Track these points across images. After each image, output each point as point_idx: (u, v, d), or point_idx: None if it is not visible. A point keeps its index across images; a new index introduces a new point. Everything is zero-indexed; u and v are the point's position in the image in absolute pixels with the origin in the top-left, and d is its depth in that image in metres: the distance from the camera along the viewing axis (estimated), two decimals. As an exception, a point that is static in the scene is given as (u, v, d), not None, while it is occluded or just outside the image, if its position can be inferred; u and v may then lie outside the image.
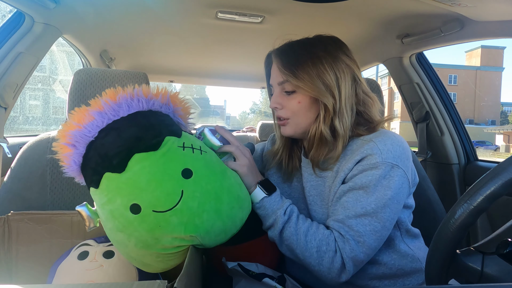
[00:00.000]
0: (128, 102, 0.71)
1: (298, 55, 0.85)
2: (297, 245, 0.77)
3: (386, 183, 0.76)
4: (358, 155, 0.80)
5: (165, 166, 0.67)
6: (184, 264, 0.60)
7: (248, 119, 37.91)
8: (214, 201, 0.68)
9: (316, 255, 0.76)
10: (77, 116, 0.70)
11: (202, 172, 0.69)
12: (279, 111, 0.89)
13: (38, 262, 0.87)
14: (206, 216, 0.67)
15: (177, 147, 0.70)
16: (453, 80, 32.52)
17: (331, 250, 0.75)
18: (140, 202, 0.64)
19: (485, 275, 0.54)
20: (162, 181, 0.66)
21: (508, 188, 0.52)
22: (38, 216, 0.88)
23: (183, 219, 0.65)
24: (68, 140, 0.70)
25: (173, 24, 1.52)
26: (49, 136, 1.03)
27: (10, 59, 1.25)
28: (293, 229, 0.79)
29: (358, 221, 0.75)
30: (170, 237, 0.65)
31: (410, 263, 0.85)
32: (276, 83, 0.89)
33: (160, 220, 0.64)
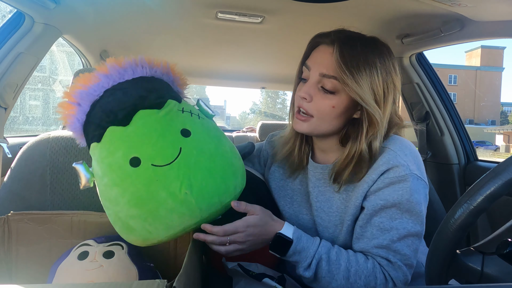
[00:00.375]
0: (133, 67, 0.75)
1: (359, 55, 0.76)
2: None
3: (417, 197, 0.75)
4: (382, 165, 0.76)
5: (167, 124, 0.72)
6: (183, 264, 0.60)
7: (248, 119, 37.92)
8: (208, 161, 0.71)
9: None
10: (83, 78, 0.73)
11: (199, 134, 0.74)
12: (305, 103, 0.79)
13: (38, 262, 0.87)
14: (200, 174, 0.69)
15: (177, 110, 0.75)
16: (453, 80, 32.53)
17: (382, 284, 0.72)
18: (140, 155, 0.68)
19: (485, 275, 0.54)
20: (163, 137, 0.70)
21: (508, 188, 0.52)
22: (38, 216, 0.88)
23: (180, 175, 0.68)
24: (73, 98, 0.73)
25: (173, 24, 1.52)
26: (49, 137, 1.03)
27: (10, 59, 1.25)
28: (329, 274, 0.74)
29: (403, 244, 0.74)
30: (165, 192, 0.67)
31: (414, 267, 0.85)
32: (318, 73, 0.78)
33: (158, 174, 0.67)
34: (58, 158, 0.99)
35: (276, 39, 1.64)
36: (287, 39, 1.59)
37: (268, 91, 31.12)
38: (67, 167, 1.00)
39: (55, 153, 1.00)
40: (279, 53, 1.89)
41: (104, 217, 0.90)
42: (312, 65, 0.80)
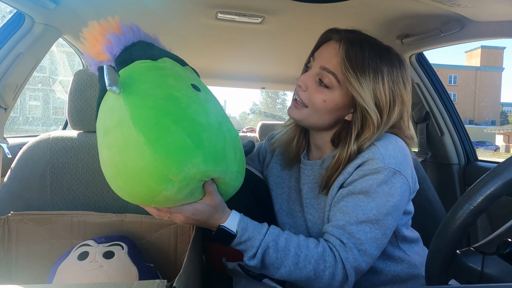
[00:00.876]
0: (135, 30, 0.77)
1: (366, 58, 0.76)
2: (289, 275, 0.72)
3: (387, 189, 0.73)
4: (358, 158, 0.77)
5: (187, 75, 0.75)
6: (183, 264, 0.60)
7: (248, 119, 37.94)
8: (221, 116, 0.70)
9: (314, 277, 0.71)
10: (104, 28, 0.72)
11: (206, 91, 0.75)
12: (301, 92, 0.82)
13: (38, 262, 0.87)
14: (213, 122, 0.66)
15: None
16: (453, 80, 32.54)
17: (331, 266, 0.71)
18: (200, 86, 0.72)
19: (485, 275, 0.54)
20: (185, 82, 0.72)
21: (508, 188, 0.52)
22: (38, 217, 0.88)
23: (227, 118, 0.73)
24: (118, 25, 0.72)
25: (173, 25, 1.52)
26: (49, 137, 1.03)
27: (10, 59, 1.25)
28: (278, 261, 0.72)
29: (359, 228, 0.72)
30: (224, 118, 0.70)
31: (406, 269, 0.84)
32: (319, 66, 0.80)
33: (216, 103, 0.73)
34: (58, 158, 0.99)
35: (276, 39, 1.64)
36: (287, 39, 1.59)
37: (268, 91, 31.13)
38: (67, 167, 1.00)
39: (55, 153, 1.00)
40: (279, 53, 1.89)
41: (104, 217, 0.90)
42: (317, 56, 0.83)
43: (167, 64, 0.72)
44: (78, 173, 1.00)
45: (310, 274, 0.71)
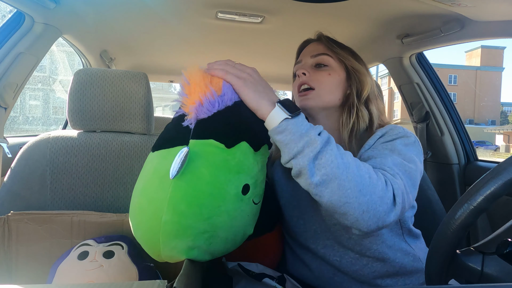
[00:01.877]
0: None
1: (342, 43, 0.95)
2: (343, 170, 0.61)
3: (415, 151, 0.77)
4: (379, 131, 0.83)
5: (265, 168, 0.75)
6: (184, 264, 0.60)
7: (248, 119, 37.85)
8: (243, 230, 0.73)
9: (368, 182, 0.62)
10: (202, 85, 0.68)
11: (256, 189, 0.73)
12: (305, 78, 0.89)
13: (38, 262, 0.87)
14: (255, 222, 0.75)
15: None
16: (453, 80, 32.54)
17: (382, 180, 0.64)
18: (252, 186, 0.67)
19: (485, 275, 0.54)
20: (265, 179, 0.74)
21: (508, 188, 0.52)
22: (38, 216, 0.88)
23: (255, 218, 0.73)
24: (221, 83, 0.68)
25: (173, 24, 1.52)
26: (49, 137, 1.03)
27: (10, 59, 1.25)
28: (336, 152, 0.62)
29: (406, 174, 0.70)
30: (243, 230, 0.69)
31: (412, 262, 0.86)
32: (310, 56, 0.92)
33: (252, 210, 0.69)
34: (58, 158, 0.99)
35: (276, 39, 1.64)
36: (287, 39, 1.59)
37: (268, 91, 30.97)
38: (67, 167, 1.00)
39: (55, 153, 1.00)
40: (279, 53, 1.89)
41: (104, 217, 0.90)
42: (302, 56, 0.95)
43: (237, 155, 0.65)
44: (78, 173, 1.00)
45: (366, 177, 0.62)
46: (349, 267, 0.86)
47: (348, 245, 0.85)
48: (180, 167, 0.59)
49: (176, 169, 0.59)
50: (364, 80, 0.89)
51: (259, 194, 0.71)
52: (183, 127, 0.67)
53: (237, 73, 0.68)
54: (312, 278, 0.92)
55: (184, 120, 0.67)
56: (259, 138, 0.69)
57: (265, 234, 0.96)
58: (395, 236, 0.86)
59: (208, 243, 0.65)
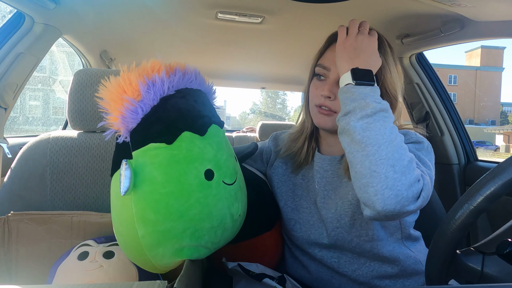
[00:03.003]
0: (199, 77, 0.74)
1: (382, 45, 0.82)
2: (386, 140, 0.62)
3: (426, 154, 0.75)
4: None
5: (229, 145, 0.74)
6: (184, 264, 0.60)
7: (248, 119, 37.93)
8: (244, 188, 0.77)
9: (406, 164, 0.62)
10: (144, 69, 0.67)
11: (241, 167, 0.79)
12: (328, 101, 0.82)
13: (38, 262, 0.87)
14: (245, 200, 0.75)
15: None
16: (453, 80, 32.55)
17: (418, 172, 0.64)
18: (214, 169, 0.66)
19: (485, 275, 0.54)
20: (230, 157, 0.72)
21: (508, 188, 0.52)
22: (38, 217, 0.88)
23: (238, 197, 0.71)
24: (137, 86, 0.64)
25: (173, 24, 1.52)
26: (49, 137, 1.03)
27: (10, 59, 1.25)
28: (386, 123, 0.64)
29: (430, 172, 0.71)
30: (228, 212, 0.68)
31: (413, 264, 0.86)
32: (338, 73, 0.81)
33: (227, 192, 0.68)
34: (58, 158, 0.99)
35: (276, 39, 1.64)
36: (287, 39, 1.59)
37: (268, 91, 31.13)
38: (67, 168, 1.00)
39: (55, 153, 1.00)
40: (279, 53, 1.89)
41: (104, 217, 0.90)
42: (331, 64, 0.83)
43: (183, 146, 0.64)
44: (78, 173, 1.00)
45: (405, 159, 0.63)
46: (347, 268, 0.86)
47: (348, 247, 0.85)
48: (128, 181, 0.58)
49: (124, 185, 0.58)
50: (397, 100, 0.82)
51: (229, 173, 0.69)
52: (122, 144, 0.66)
53: (342, 43, 0.75)
54: (310, 279, 0.92)
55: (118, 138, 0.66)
56: (202, 122, 0.67)
57: (265, 233, 0.96)
58: (395, 242, 0.86)
59: (196, 238, 0.64)
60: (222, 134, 0.74)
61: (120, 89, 0.64)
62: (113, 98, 0.64)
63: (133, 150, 0.64)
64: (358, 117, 0.65)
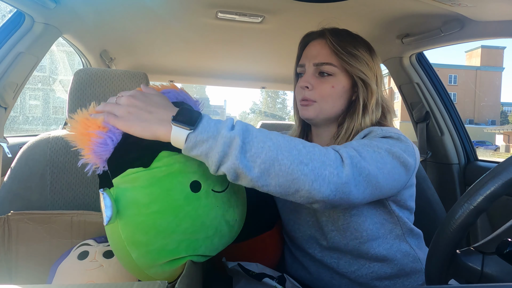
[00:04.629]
0: (173, 91, 0.71)
1: (350, 41, 0.86)
2: (277, 150, 0.56)
3: (392, 142, 0.74)
4: (358, 136, 0.81)
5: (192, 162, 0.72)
6: (186, 265, 0.60)
7: (248, 119, 37.96)
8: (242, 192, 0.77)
9: (304, 150, 0.59)
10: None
11: (208, 182, 0.75)
12: (307, 92, 0.86)
13: (38, 262, 0.87)
14: (242, 204, 0.75)
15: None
16: (453, 80, 32.54)
17: (319, 147, 0.62)
18: (200, 179, 0.64)
19: (485, 275, 0.54)
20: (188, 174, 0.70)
21: (508, 188, 0.52)
22: (38, 216, 0.88)
23: (232, 202, 0.70)
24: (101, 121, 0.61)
25: (173, 24, 1.52)
26: (49, 136, 1.03)
27: (10, 59, 1.25)
28: (261, 135, 0.57)
29: (362, 148, 0.68)
30: (223, 219, 0.68)
31: (411, 263, 0.86)
32: (313, 64, 0.87)
33: (218, 199, 0.67)
34: (58, 158, 0.99)
35: (276, 39, 1.64)
36: (287, 39, 1.59)
37: (268, 91, 31.15)
38: (67, 167, 1.00)
39: (55, 153, 1.00)
40: (279, 53, 1.89)
41: (104, 217, 0.90)
42: (306, 60, 0.89)
43: (162, 165, 0.63)
44: (78, 173, 1.00)
45: (300, 147, 0.59)
46: (347, 269, 0.86)
47: (346, 250, 0.85)
48: (109, 211, 0.58)
49: (106, 215, 0.58)
50: (371, 87, 0.84)
51: (218, 181, 0.67)
52: (102, 173, 0.65)
53: (113, 110, 0.60)
54: (311, 280, 0.92)
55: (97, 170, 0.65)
56: (148, 157, 0.64)
57: (265, 233, 0.97)
58: (395, 238, 0.86)
59: (192, 250, 0.65)
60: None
61: (84, 124, 0.62)
62: (80, 134, 0.63)
63: (112, 178, 0.63)
64: (238, 154, 0.54)
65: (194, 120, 0.56)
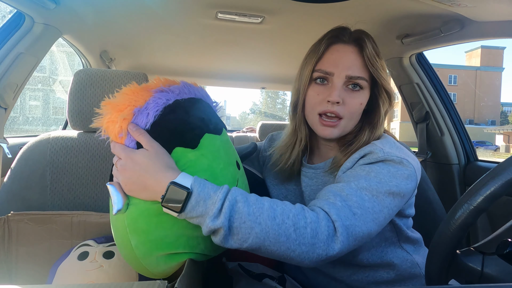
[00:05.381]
0: (188, 86, 0.72)
1: (377, 49, 0.79)
2: (264, 238, 0.57)
3: (393, 171, 0.70)
4: (356, 153, 0.76)
5: (227, 153, 0.73)
6: (185, 264, 0.60)
7: (248, 119, 37.95)
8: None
9: (294, 236, 0.58)
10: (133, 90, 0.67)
11: (242, 168, 0.78)
12: (336, 107, 0.76)
13: (38, 263, 0.87)
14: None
15: (228, 139, 0.76)
16: (453, 80, 32.55)
17: (312, 222, 0.59)
18: (210, 179, 0.66)
19: (485, 275, 0.54)
20: (228, 165, 0.71)
21: (508, 188, 0.52)
22: (38, 217, 0.88)
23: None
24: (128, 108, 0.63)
25: (173, 24, 1.52)
26: (49, 137, 1.03)
27: (10, 59, 1.25)
28: (248, 219, 0.57)
29: (358, 193, 0.65)
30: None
31: (409, 268, 0.85)
32: (345, 75, 0.77)
33: None
34: (58, 158, 0.99)
35: (276, 39, 1.64)
36: (287, 39, 1.59)
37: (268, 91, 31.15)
38: (67, 167, 1.00)
39: (55, 153, 1.00)
40: (279, 53, 1.89)
41: (104, 217, 0.90)
42: (334, 68, 0.78)
43: (208, 148, 0.67)
44: (78, 173, 1.00)
45: (290, 231, 0.58)
46: (343, 273, 0.85)
47: (340, 259, 0.83)
48: (121, 202, 0.61)
49: (116, 206, 0.61)
50: (393, 97, 0.81)
51: (226, 182, 0.68)
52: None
53: (116, 177, 0.63)
54: (308, 285, 0.92)
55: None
56: (192, 135, 0.67)
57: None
58: (389, 245, 0.84)
59: (190, 247, 0.65)
60: (220, 142, 0.72)
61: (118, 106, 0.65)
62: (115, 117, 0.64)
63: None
64: (222, 240, 0.57)
65: (182, 205, 0.57)
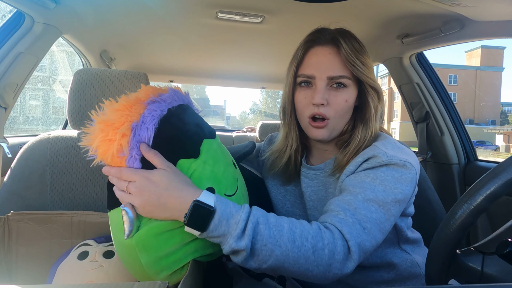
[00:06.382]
0: (176, 92, 0.71)
1: (359, 46, 0.79)
2: (284, 260, 0.59)
3: (398, 176, 0.71)
4: (359, 157, 0.76)
5: (225, 154, 0.73)
6: (189, 265, 0.60)
7: (248, 119, 37.93)
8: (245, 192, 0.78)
9: (313, 258, 0.60)
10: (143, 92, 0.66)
11: (238, 168, 0.78)
12: (322, 108, 0.78)
13: (38, 262, 0.87)
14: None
15: (219, 141, 0.76)
16: (453, 80, 32.55)
17: (329, 243, 0.61)
18: (214, 185, 0.67)
19: (485, 275, 0.54)
20: (228, 166, 0.72)
21: (508, 188, 0.52)
22: (38, 216, 0.88)
23: (241, 204, 0.70)
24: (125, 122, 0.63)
25: (173, 24, 1.52)
26: (49, 137, 1.03)
27: (10, 59, 1.25)
28: (269, 243, 0.58)
29: (365, 205, 0.67)
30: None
31: (409, 268, 0.85)
32: (326, 77, 0.77)
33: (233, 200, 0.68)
34: (58, 158, 0.99)
35: (276, 39, 1.64)
36: (287, 39, 1.59)
37: (268, 91, 31.14)
38: (67, 167, 1.00)
39: (55, 153, 1.00)
40: (279, 53, 1.89)
41: (104, 217, 0.90)
42: (315, 71, 0.79)
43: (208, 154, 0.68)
44: (78, 173, 1.00)
45: (309, 254, 0.59)
46: None
47: None
48: (131, 226, 0.60)
49: (127, 230, 0.60)
50: (380, 93, 0.80)
51: (229, 184, 0.69)
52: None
53: (130, 200, 0.61)
54: (309, 284, 0.92)
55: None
56: (192, 144, 0.66)
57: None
58: (389, 245, 0.85)
59: (199, 252, 0.65)
60: (216, 145, 0.72)
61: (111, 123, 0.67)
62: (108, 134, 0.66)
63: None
64: (242, 261, 0.59)
65: (205, 223, 0.57)
